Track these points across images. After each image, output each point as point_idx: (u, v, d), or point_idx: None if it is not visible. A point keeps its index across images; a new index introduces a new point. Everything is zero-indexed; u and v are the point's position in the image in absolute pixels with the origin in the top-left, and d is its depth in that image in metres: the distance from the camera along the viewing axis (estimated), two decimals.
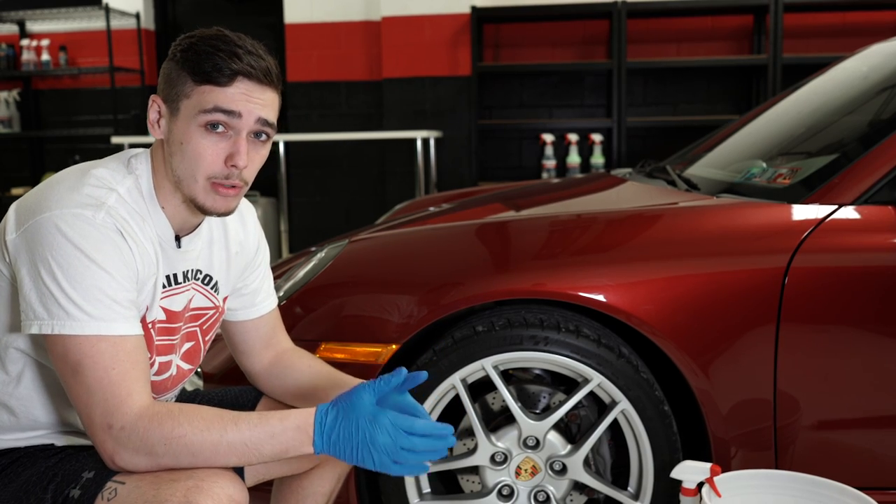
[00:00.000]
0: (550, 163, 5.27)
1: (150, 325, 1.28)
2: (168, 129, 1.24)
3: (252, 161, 1.24)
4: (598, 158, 5.22)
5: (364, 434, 1.16)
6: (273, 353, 1.51)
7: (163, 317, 1.31)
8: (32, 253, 1.14)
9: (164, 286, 1.29)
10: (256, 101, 1.21)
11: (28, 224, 1.16)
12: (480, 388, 1.84)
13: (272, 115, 1.25)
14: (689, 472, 1.57)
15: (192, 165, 1.21)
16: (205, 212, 1.26)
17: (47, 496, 1.17)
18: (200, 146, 1.20)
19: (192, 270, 1.35)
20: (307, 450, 1.17)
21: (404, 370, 1.23)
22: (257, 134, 1.24)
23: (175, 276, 1.31)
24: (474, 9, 5.00)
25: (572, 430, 1.81)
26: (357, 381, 1.42)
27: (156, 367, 1.32)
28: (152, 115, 1.25)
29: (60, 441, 1.30)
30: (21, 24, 6.09)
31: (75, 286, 1.13)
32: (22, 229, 1.16)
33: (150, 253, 1.24)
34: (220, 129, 1.20)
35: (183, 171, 1.23)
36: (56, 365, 1.16)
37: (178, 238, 1.31)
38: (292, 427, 1.16)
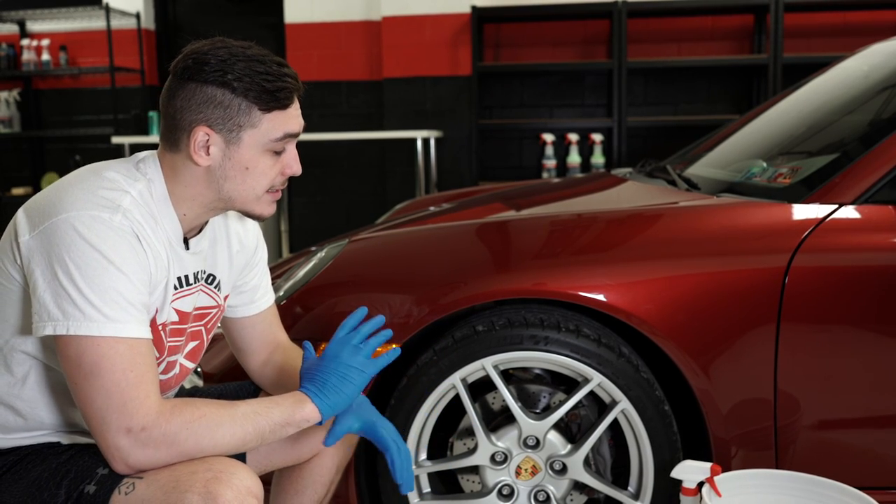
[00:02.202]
0: (551, 163, 5.27)
1: (160, 327, 1.29)
2: (224, 157, 1.25)
3: None
4: (598, 158, 5.22)
5: (347, 363, 1.30)
6: (271, 349, 1.53)
7: (175, 318, 1.32)
8: (48, 254, 1.14)
9: (175, 287, 1.30)
10: (300, 113, 1.30)
11: (43, 226, 1.15)
12: (480, 388, 1.84)
13: None
14: (690, 471, 1.57)
15: (256, 185, 1.28)
16: (255, 218, 1.34)
17: (61, 492, 1.17)
18: (266, 166, 1.27)
19: (201, 271, 1.36)
20: (310, 410, 1.25)
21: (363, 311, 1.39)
22: None
23: (186, 277, 1.32)
24: (475, 8, 4.99)
25: (572, 430, 1.81)
26: None
27: (163, 366, 1.33)
28: (199, 143, 1.23)
29: (66, 440, 1.30)
30: (21, 23, 6.09)
31: (92, 287, 1.13)
32: (37, 231, 1.16)
33: (162, 256, 1.25)
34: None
35: (244, 192, 1.28)
36: (67, 367, 1.15)
37: (185, 240, 1.31)
38: (290, 399, 1.26)
